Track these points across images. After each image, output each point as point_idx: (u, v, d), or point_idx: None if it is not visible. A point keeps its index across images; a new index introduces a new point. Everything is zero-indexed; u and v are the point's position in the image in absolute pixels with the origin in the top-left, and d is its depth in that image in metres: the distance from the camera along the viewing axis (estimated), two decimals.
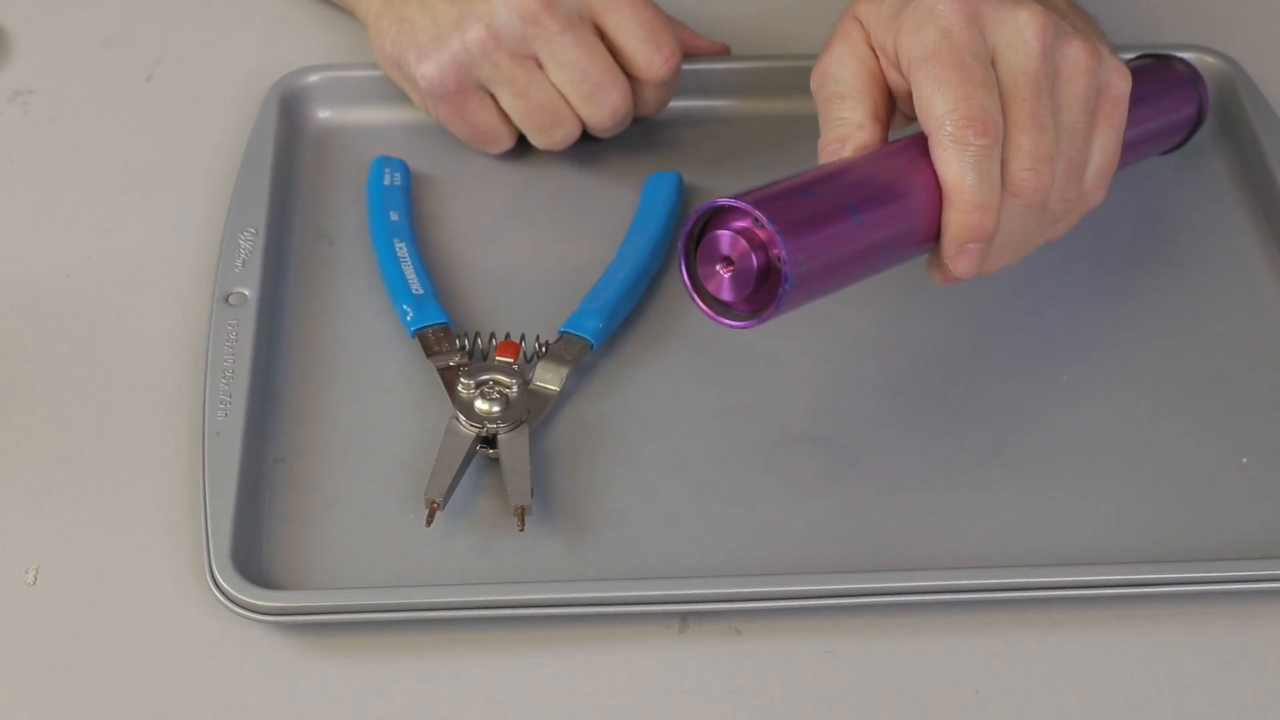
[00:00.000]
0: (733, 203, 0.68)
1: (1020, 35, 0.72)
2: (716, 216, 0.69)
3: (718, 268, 0.69)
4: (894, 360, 0.81)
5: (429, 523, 0.73)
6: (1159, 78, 0.86)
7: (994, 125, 0.71)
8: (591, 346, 0.80)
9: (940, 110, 0.71)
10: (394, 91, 0.90)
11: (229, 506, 0.73)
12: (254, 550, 0.74)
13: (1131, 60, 0.88)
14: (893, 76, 0.75)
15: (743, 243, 0.68)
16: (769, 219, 0.67)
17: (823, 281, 0.70)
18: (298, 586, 0.73)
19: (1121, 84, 0.75)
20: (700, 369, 0.81)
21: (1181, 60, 0.88)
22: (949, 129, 0.70)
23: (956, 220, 0.71)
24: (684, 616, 0.73)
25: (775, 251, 0.68)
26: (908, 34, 0.73)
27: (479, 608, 0.71)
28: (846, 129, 0.74)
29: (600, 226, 0.87)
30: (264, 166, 0.85)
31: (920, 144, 0.73)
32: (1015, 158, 0.71)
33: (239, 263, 0.81)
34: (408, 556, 0.74)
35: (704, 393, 0.80)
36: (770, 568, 0.74)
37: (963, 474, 0.77)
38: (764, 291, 0.69)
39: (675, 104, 0.88)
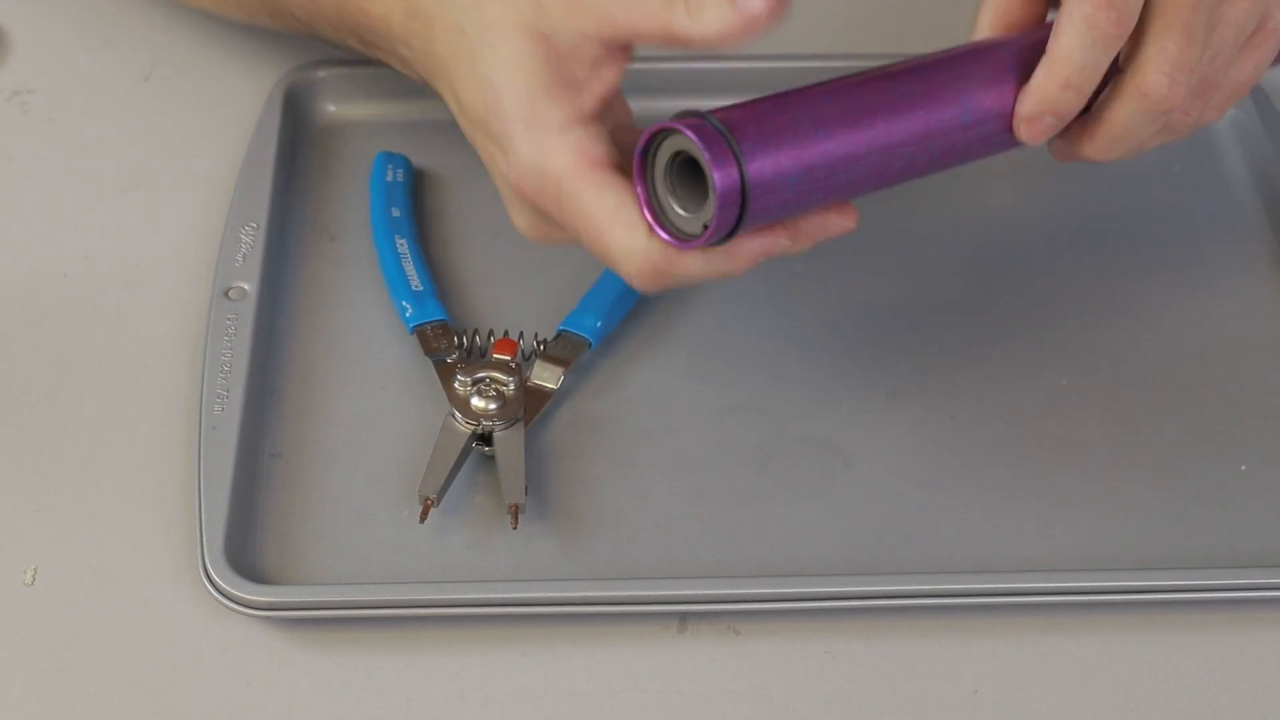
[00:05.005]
0: (671, 125, 0.67)
1: None
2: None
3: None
4: (892, 362, 0.81)
5: (423, 519, 0.73)
6: None
7: (1129, 20, 0.70)
8: (590, 345, 0.80)
9: None
10: (399, 88, 0.90)
11: (223, 501, 0.73)
12: (248, 545, 0.73)
13: None
14: None
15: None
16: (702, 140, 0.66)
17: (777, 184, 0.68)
18: (291, 581, 0.73)
19: None
20: (698, 369, 0.80)
21: None
22: (1088, 5, 0.69)
23: (1043, 88, 0.71)
24: (683, 617, 0.72)
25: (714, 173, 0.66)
26: None
27: (475, 605, 0.71)
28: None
29: None
30: (267, 161, 0.85)
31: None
32: (1156, 60, 0.71)
33: (239, 257, 0.81)
34: (402, 552, 0.74)
35: (702, 393, 0.80)
36: (766, 569, 0.74)
37: (960, 477, 0.77)
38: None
39: (680, 106, 0.88)
